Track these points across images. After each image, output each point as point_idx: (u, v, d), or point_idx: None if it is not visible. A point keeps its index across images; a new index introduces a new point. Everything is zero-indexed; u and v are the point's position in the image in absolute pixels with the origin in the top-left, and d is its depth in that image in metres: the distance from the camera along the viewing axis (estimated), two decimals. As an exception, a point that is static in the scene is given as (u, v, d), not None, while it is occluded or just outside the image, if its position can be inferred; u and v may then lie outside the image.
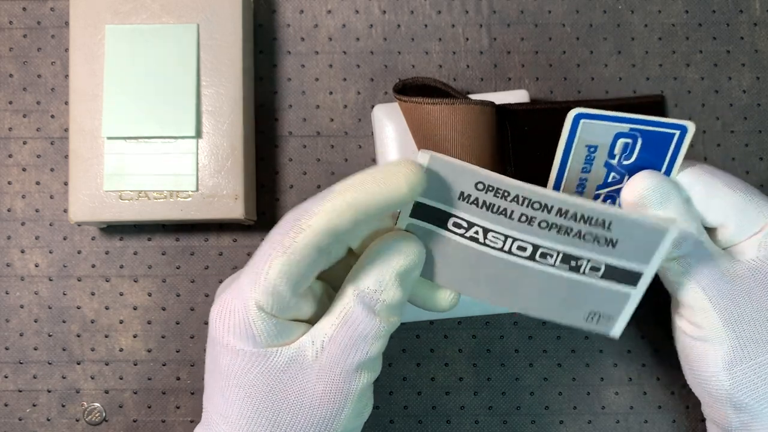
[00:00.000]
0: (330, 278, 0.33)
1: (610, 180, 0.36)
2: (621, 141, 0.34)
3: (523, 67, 0.45)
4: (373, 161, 0.45)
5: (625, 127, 0.34)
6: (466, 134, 0.39)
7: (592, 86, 0.45)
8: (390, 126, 0.42)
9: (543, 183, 0.39)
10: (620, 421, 0.44)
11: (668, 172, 0.35)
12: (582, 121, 0.34)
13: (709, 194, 0.34)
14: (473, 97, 0.42)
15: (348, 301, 0.31)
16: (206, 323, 0.44)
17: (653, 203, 0.33)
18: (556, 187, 0.36)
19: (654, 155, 0.34)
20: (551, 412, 0.44)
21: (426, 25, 0.45)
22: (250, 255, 0.44)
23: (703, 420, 0.43)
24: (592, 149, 0.35)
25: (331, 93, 0.45)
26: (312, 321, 0.32)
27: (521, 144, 0.41)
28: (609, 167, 0.35)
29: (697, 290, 0.33)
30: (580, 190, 0.36)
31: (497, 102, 0.41)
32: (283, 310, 0.30)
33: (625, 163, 0.35)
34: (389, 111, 0.42)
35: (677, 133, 0.34)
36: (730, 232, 0.34)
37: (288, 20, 0.45)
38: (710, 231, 0.35)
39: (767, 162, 0.45)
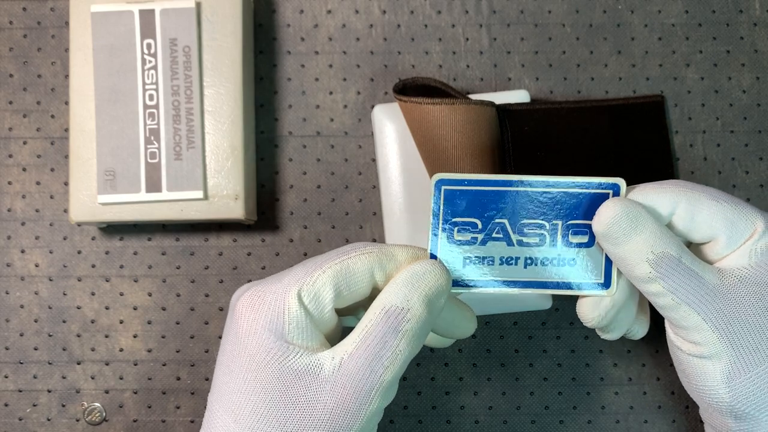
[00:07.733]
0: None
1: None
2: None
3: (523, 67, 0.45)
4: (373, 161, 0.45)
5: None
6: (466, 134, 0.39)
7: (591, 86, 0.45)
8: (390, 126, 0.42)
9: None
10: (620, 421, 0.44)
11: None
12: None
13: (694, 210, 0.32)
14: (473, 97, 0.42)
15: (372, 317, 0.30)
16: (207, 323, 0.44)
17: (624, 231, 0.31)
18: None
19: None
20: (551, 412, 0.44)
21: (426, 25, 0.45)
22: (250, 255, 0.44)
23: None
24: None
25: (331, 93, 0.45)
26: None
27: (521, 144, 0.41)
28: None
29: (687, 310, 0.32)
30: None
31: (497, 102, 0.41)
32: (318, 314, 0.30)
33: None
34: (389, 111, 0.42)
35: (610, 192, 0.33)
36: (721, 245, 0.33)
37: (288, 20, 0.45)
38: (696, 247, 0.34)
39: (767, 162, 0.45)
